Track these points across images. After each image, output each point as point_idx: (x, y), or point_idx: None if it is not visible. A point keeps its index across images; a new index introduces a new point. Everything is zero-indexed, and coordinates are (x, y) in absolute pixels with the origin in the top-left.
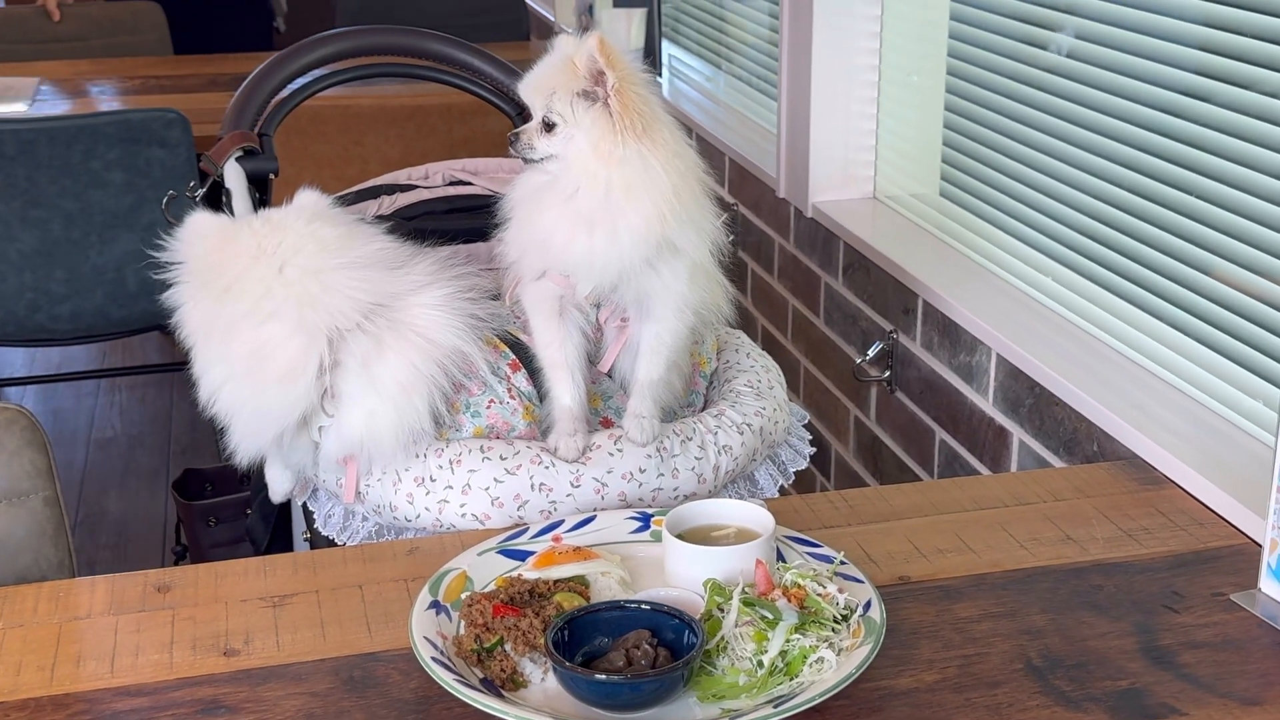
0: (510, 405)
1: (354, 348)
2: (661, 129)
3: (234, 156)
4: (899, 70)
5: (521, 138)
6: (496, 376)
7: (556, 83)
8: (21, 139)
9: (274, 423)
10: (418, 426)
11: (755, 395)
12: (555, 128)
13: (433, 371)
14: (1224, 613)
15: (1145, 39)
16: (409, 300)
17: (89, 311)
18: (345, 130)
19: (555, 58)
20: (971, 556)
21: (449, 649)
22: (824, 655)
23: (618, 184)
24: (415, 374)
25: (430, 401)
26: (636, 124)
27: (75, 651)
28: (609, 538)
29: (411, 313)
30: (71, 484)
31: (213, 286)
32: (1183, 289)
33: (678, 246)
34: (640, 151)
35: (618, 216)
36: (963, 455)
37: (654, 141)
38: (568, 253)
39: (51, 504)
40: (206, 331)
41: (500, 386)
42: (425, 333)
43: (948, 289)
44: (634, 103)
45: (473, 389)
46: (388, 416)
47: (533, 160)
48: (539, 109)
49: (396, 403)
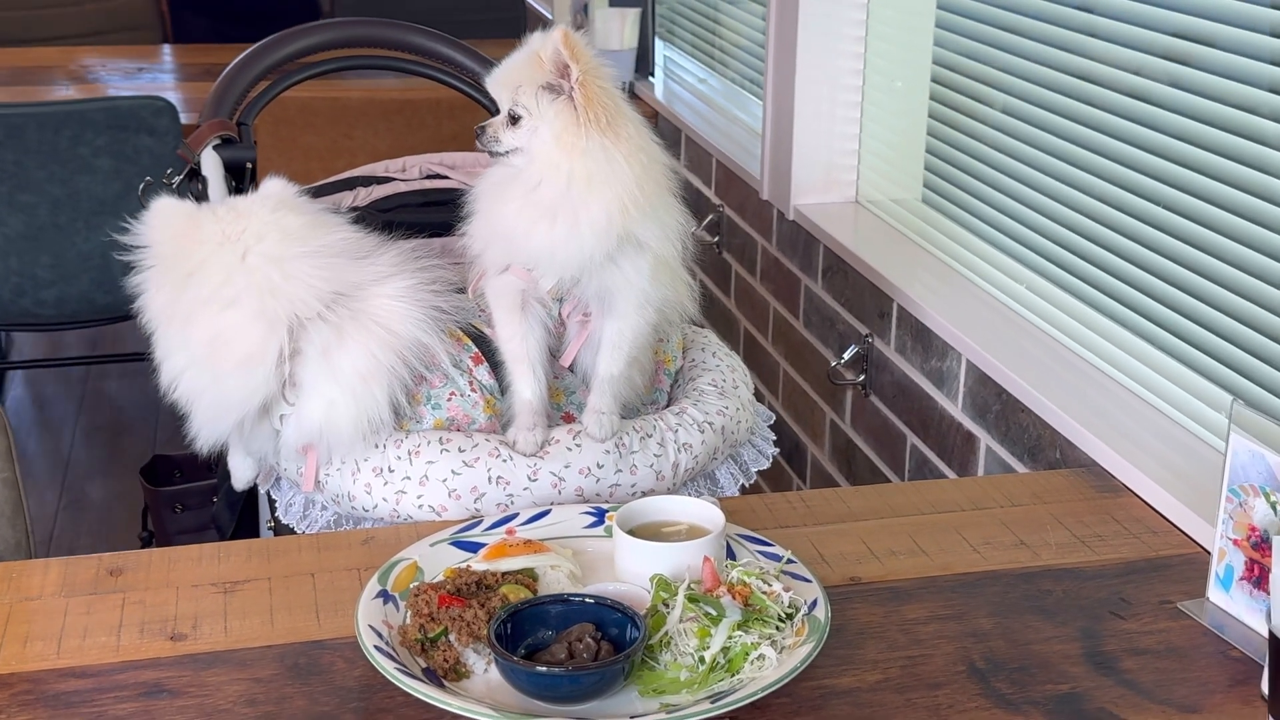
0: (471, 398)
1: (314, 336)
2: (626, 124)
3: (211, 144)
4: (883, 75)
5: (488, 131)
6: (459, 369)
7: (522, 76)
8: (10, 123)
9: (234, 410)
10: (377, 417)
11: (719, 394)
12: (520, 120)
13: (393, 362)
14: (1170, 620)
15: (1122, 50)
16: (371, 290)
17: (74, 297)
18: (334, 122)
19: (522, 53)
20: (924, 559)
21: (394, 638)
22: (765, 652)
23: (579, 175)
24: (375, 364)
25: (390, 392)
26: (600, 117)
27: (24, 631)
28: (563, 532)
29: (373, 303)
30: (57, 469)
31: (175, 272)
32: (1150, 300)
33: (640, 241)
34: (603, 144)
35: (579, 207)
36: (932, 460)
37: (618, 135)
38: (529, 244)
39: (10, 485)
40: (168, 317)
41: (462, 379)
42: (386, 323)
43: (922, 294)
44: (598, 96)
45: (434, 381)
46: (347, 406)
47: (498, 153)
48: (505, 102)
49: (356, 392)
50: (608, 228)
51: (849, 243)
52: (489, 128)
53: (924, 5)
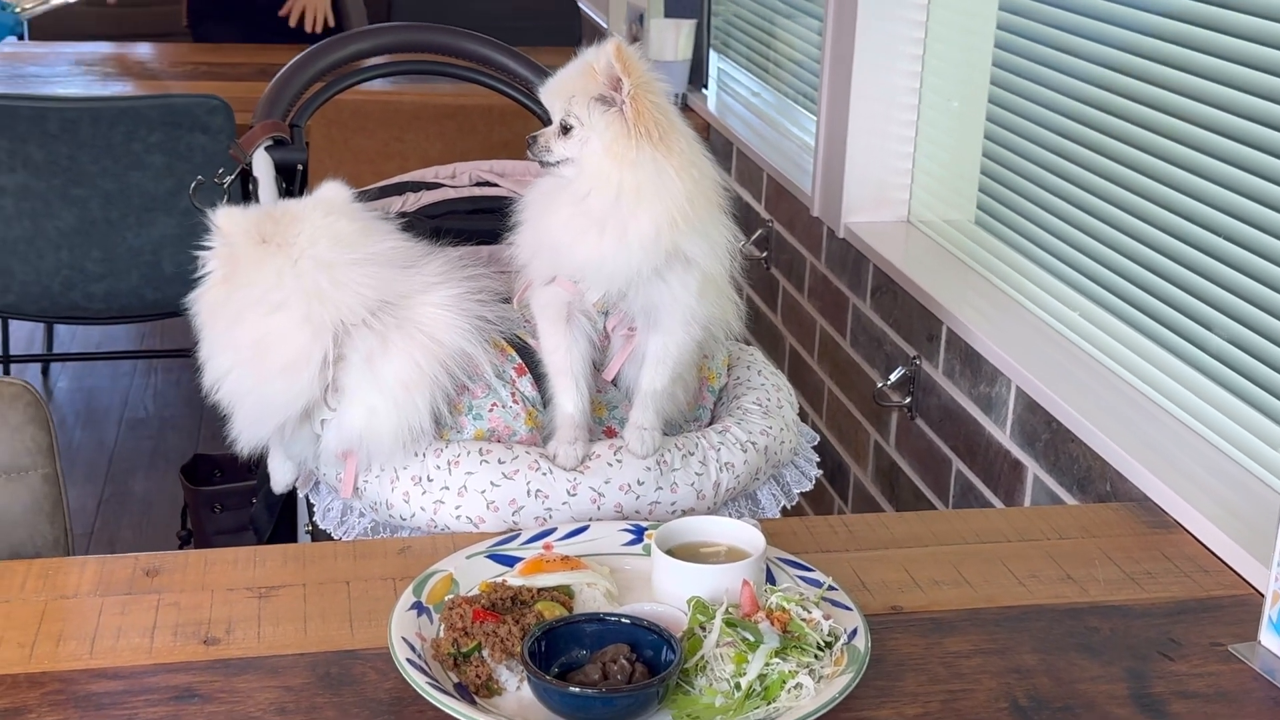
0: (513, 410)
1: (359, 343)
2: (678, 138)
3: (263, 145)
4: (940, 95)
5: (539, 140)
6: (501, 380)
7: (575, 87)
8: (65, 117)
9: (276, 413)
10: (418, 425)
11: (763, 413)
12: (571, 131)
13: (435, 371)
14: (1220, 663)
15: (1183, 75)
16: (417, 299)
17: (123, 292)
18: (387, 126)
19: (576, 64)
20: (968, 590)
21: (426, 651)
22: (803, 681)
23: (629, 187)
24: (418, 372)
25: (431, 401)
26: (652, 130)
27: (57, 630)
28: (601, 549)
29: (419, 311)
30: (100, 462)
31: (231, 272)
32: (1208, 332)
33: (689, 257)
34: (654, 157)
35: (628, 220)
36: (978, 487)
37: (669, 149)
38: (576, 255)
39: (50, 481)
40: (215, 316)
41: (504, 390)
42: (431, 332)
43: (973, 318)
44: (649, 109)
45: (476, 391)
46: (388, 414)
47: (549, 163)
48: (558, 113)
49: (398, 400)
50: (655, 241)
51: (899, 263)
52: (540, 137)
53: (983, 25)
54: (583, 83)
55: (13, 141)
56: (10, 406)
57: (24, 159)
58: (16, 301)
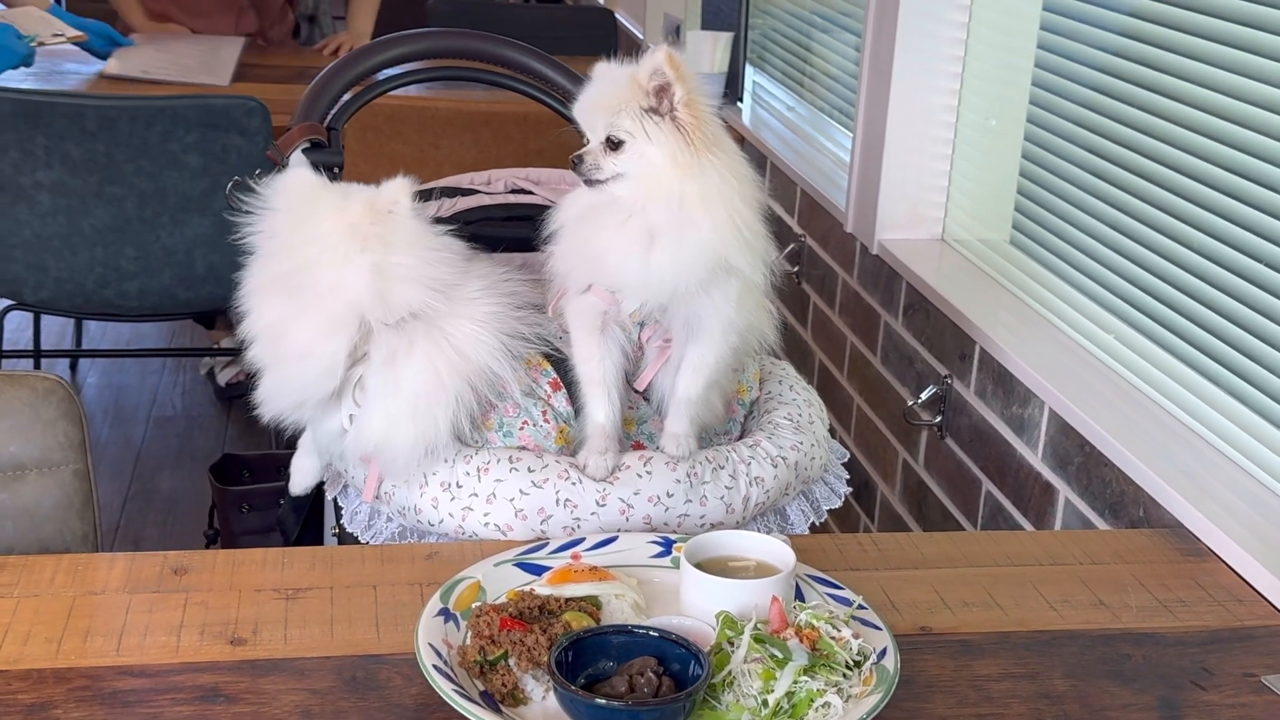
0: (544, 429)
1: (383, 343)
2: (726, 142)
3: (301, 147)
4: (978, 113)
5: (586, 160)
6: (533, 398)
7: (618, 101)
8: (103, 115)
9: (291, 394)
10: (435, 440)
11: (794, 429)
12: (623, 145)
13: (458, 386)
14: (1253, 694)
15: (1227, 100)
16: (454, 310)
17: (156, 291)
18: (422, 131)
19: (609, 78)
20: (998, 613)
21: (453, 658)
22: (830, 700)
23: (693, 195)
24: (439, 384)
25: (453, 417)
26: (707, 136)
27: (85, 626)
28: (629, 560)
29: (450, 323)
30: (128, 459)
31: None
32: (1248, 360)
33: (731, 266)
34: (713, 163)
35: (687, 228)
36: (1007, 509)
37: (722, 151)
38: (626, 269)
39: (82, 477)
40: (255, 271)
41: (536, 409)
42: (459, 346)
43: (1006, 338)
44: (704, 115)
45: (507, 409)
46: (405, 425)
47: (597, 180)
48: (600, 129)
49: (416, 411)
50: (716, 247)
51: (933, 281)
52: (588, 156)
53: (1023, 44)
54: (626, 95)
55: (50, 138)
56: (44, 401)
57: (61, 156)
58: (50, 297)
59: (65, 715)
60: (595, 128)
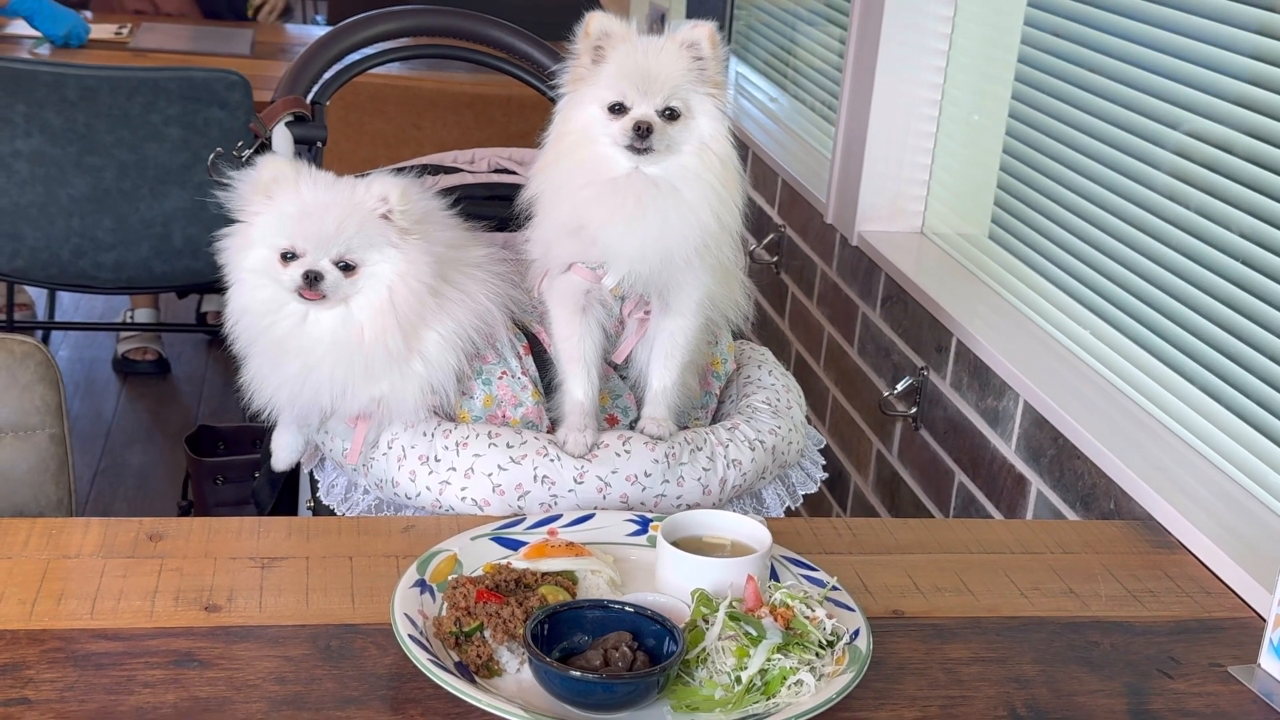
0: (521, 380)
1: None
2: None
3: (284, 121)
4: (960, 108)
5: (655, 128)
6: (511, 350)
7: (678, 72)
8: (84, 85)
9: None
10: (441, 386)
11: (772, 413)
12: (680, 117)
13: (467, 324)
14: (1219, 684)
15: (1207, 98)
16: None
17: (132, 263)
18: (405, 110)
19: (661, 48)
20: (969, 598)
21: (428, 629)
22: (803, 678)
23: (730, 163)
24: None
25: (457, 358)
26: (727, 110)
27: (59, 589)
28: (605, 537)
29: (461, 270)
30: (99, 433)
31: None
32: (1221, 356)
33: (717, 238)
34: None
35: (680, 198)
36: (979, 500)
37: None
38: (614, 239)
39: (58, 441)
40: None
41: (514, 361)
42: (465, 286)
43: (983, 331)
44: (722, 89)
45: (488, 356)
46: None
47: (648, 150)
48: (657, 99)
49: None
50: (706, 219)
51: (911, 273)
52: (655, 125)
53: (1008, 39)
54: (683, 68)
55: (30, 106)
56: (21, 364)
57: (41, 124)
58: (25, 267)
59: (38, 675)
60: (652, 96)
